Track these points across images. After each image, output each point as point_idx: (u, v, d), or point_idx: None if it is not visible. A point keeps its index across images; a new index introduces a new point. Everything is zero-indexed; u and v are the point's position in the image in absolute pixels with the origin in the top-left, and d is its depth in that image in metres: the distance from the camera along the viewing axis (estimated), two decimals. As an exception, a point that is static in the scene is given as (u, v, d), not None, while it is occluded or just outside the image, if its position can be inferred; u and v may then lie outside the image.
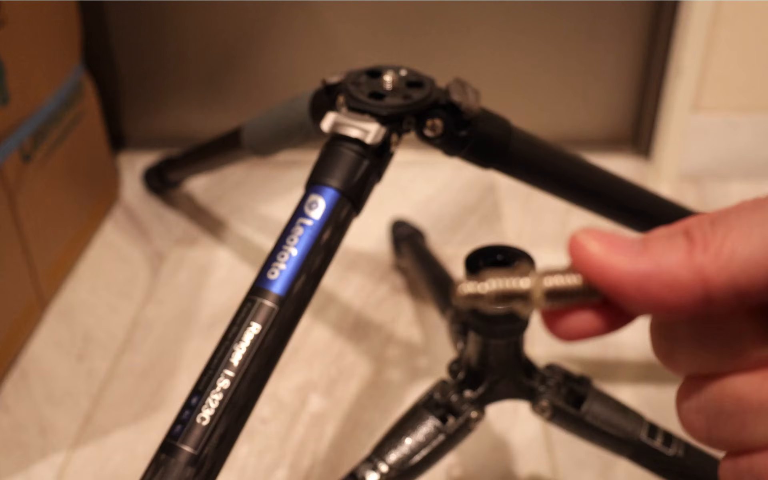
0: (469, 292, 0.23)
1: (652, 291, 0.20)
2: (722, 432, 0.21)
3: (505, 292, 0.23)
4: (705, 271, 0.20)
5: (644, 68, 1.12)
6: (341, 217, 0.48)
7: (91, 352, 0.81)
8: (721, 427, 0.21)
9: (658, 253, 0.20)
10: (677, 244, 0.20)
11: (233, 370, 0.42)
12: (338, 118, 0.51)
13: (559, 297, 0.22)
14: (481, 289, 0.23)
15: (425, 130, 0.54)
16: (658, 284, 0.20)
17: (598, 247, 0.21)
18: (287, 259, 0.46)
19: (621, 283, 0.21)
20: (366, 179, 0.50)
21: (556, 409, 0.51)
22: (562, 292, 0.22)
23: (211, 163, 0.92)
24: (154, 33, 1.12)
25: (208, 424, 0.41)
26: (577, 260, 0.22)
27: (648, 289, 0.20)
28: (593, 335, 0.23)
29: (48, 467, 0.69)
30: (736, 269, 0.19)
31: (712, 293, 0.20)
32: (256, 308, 0.44)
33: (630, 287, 0.20)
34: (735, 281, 0.19)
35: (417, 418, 0.51)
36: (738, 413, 0.21)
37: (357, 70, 0.56)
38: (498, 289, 0.23)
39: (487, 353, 0.51)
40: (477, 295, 0.23)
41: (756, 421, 0.20)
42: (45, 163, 0.86)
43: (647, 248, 0.21)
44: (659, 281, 0.20)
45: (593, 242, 0.21)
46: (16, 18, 0.79)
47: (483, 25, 1.09)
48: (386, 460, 0.49)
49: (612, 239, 0.21)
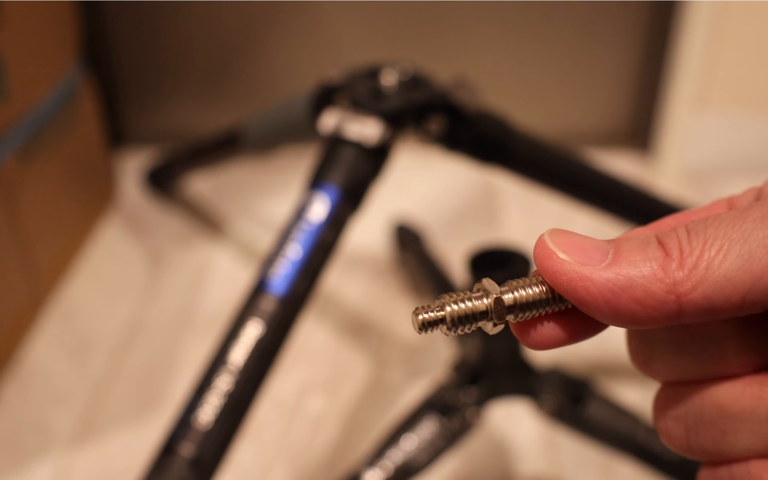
0: (425, 318, 0.21)
1: (623, 306, 0.19)
2: (702, 441, 0.20)
3: (465, 314, 0.21)
4: (679, 287, 0.19)
5: (645, 66, 1.12)
6: (341, 216, 0.48)
7: (90, 352, 0.81)
8: (701, 436, 0.20)
9: (631, 265, 0.19)
10: (651, 255, 0.19)
11: (233, 370, 0.42)
12: (338, 117, 0.51)
13: (525, 310, 0.21)
14: (439, 315, 0.21)
15: (426, 128, 0.54)
16: (629, 299, 0.19)
17: (567, 257, 0.20)
18: (287, 259, 0.45)
19: (590, 297, 0.20)
20: (366, 178, 0.50)
21: (557, 408, 0.51)
22: (527, 305, 0.21)
23: (210, 161, 0.92)
24: (153, 31, 1.12)
25: (207, 424, 0.41)
26: (543, 270, 0.20)
27: (618, 304, 0.19)
28: (563, 344, 0.22)
29: (46, 468, 0.69)
30: (711, 288, 0.19)
31: (684, 309, 0.19)
32: (256, 308, 0.44)
33: (600, 301, 0.19)
34: (709, 300, 0.19)
35: (417, 418, 0.50)
36: (719, 421, 0.20)
37: (357, 69, 0.56)
38: (456, 312, 0.21)
39: (487, 352, 0.50)
40: (435, 321, 0.21)
41: (737, 429, 0.20)
42: (43, 162, 0.86)
43: (619, 257, 0.20)
44: (630, 296, 0.19)
45: (561, 251, 0.20)
46: (14, 16, 0.79)
47: (483, 23, 1.09)
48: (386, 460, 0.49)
49: (582, 246, 0.20)
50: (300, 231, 0.46)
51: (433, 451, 0.50)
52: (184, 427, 0.40)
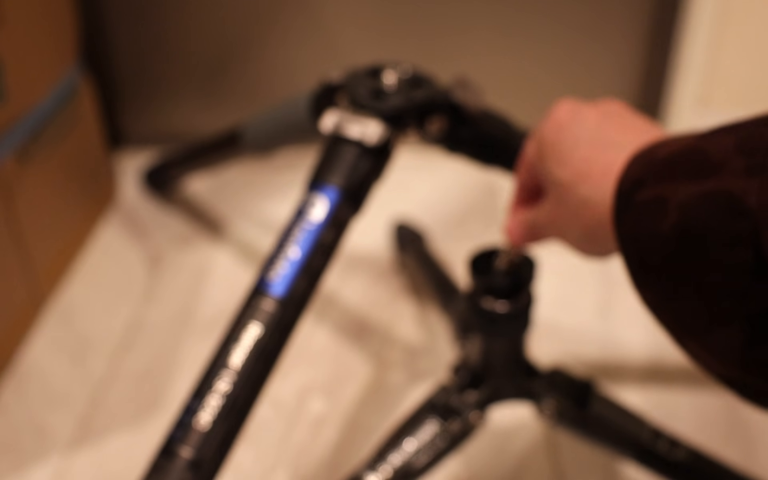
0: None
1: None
2: (531, 236, 0.45)
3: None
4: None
5: (648, 66, 1.12)
6: (342, 217, 0.48)
7: (89, 353, 0.81)
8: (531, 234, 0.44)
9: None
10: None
11: (233, 372, 0.42)
12: (339, 118, 0.51)
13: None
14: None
15: (427, 129, 0.54)
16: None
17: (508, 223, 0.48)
18: (287, 260, 0.45)
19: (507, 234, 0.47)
20: (367, 179, 0.50)
21: (559, 411, 0.51)
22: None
23: (209, 162, 0.91)
24: (152, 31, 1.12)
25: (207, 426, 0.40)
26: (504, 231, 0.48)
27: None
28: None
29: (45, 470, 0.68)
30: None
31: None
32: (256, 309, 0.44)
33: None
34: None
35: (418, 421, 0.50)
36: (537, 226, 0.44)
37: (358, 69, 0.56)
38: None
39: (489, 355, 0.50)
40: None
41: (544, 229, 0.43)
42: (42, 162, 0.86)
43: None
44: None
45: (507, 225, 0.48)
46: (13, 16, 0.78)
47: (485, 22, 1.09)
48: (387, 463, 0.48)
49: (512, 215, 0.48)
50: (300, 231, 0.46)
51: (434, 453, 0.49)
52: (183, 429, 0.40)
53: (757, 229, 0.25)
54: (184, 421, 0.40)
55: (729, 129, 0.29)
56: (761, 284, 0.26)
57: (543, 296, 0.83)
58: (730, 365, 0.28)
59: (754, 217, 0.25)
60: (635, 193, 0.31)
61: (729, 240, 0.26)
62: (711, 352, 0.29)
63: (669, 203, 0.29)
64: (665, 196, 0.29)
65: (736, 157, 0.27)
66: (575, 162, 0.36)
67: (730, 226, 0.26)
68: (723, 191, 0.27)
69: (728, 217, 0.26)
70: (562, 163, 0.37)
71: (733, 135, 0.28)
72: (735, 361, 0.28)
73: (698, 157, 0.28)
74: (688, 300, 0.29)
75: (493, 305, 0.47)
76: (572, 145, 0.37)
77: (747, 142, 0.27)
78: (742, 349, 0.27)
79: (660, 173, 0.30)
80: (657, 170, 0.30)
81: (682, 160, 0.29)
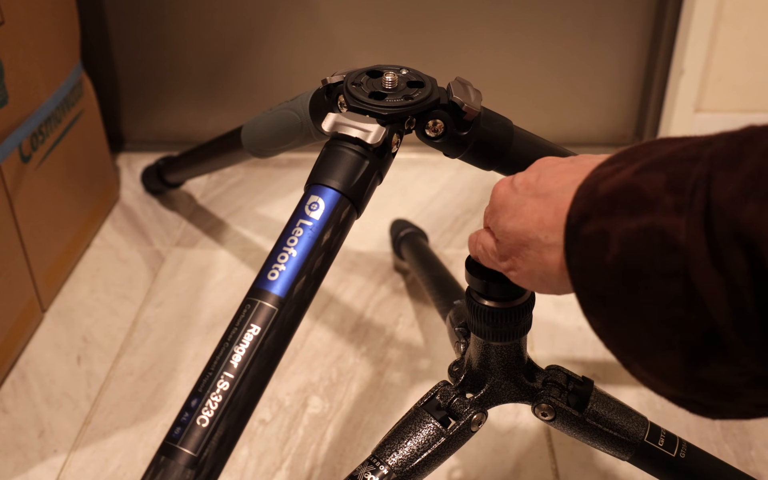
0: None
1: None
2: (487, 262, 0.45)
3: None
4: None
5: (646, 68, 1.12)
6: (342, 218, 0.48)
7: (90, 353, 0.81)
8: (487, 260, 0.44)
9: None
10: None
11: (233, 372, 0.42)
12: (339, 119, 0.51)
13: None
14: None
15: (426, 130, 0.54)
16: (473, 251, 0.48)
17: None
18: (287, 261, 0.45)
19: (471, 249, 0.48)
20: (367, 180, 0.50)
21: (558, 411, 0.51)
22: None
23: (210, 163, 0.92)
24: (153, 33, 1.12)
25: (207, 426, 0.40)
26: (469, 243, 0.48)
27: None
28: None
29: (47, 469, 0.69)
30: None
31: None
32: (256, 310, 0.44)
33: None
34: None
35: (418, 421, 0.50)
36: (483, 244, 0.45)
37: (357, 70, 0.56)
38: None
39: (489, 355, 0.50)
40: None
41: (499, 265, 0.43)
42: (44, 163, 0.86)
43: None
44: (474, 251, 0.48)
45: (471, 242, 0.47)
46: (15, 18, 0.79)
47: (484, 24, 1.09)
48: (387, 463, 0.49)
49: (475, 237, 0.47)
50: (300, 232, 0.46)
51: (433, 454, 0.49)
52: (184, 429, 0.40)
53: (686, 263, 0.28)
54: (185, 421, 0.41)
55: (660, 164, 0.31)
56: (694, 314, 0.28)
57: (542, 296, 0.83)
58: (673, 386, 0.31)
59: (684, 252, 0.28)
60: (582, 227, 0.33)
61: (664, 273, 0.29)
62: (654, 374, 0.31)
63: (611, 237, 0.31)
64: (607, 230, 0.31)
65: (666, 195, 0.29)
66: (527, 213, 0.38)
67: (664, 260, 0.29)
68: (656, 228, 0.29)
69: (662, 252, 0.29)
70: (514, 217, 0.39)
71: (663, 172, 0.30)
72: (677, 381, 0.30)
73: (633, 194, 0.30)
74: (631, 327, 0.31)
75: (492, 305, 0.47)
76: (520, 202, 0.40)
77: (675, 179, 0.29)
78: (683, 370, 0.30)
79: (601, 208, 0.32)
80: (599, 205, 0.32)
81: (620, 197, 0.31)
